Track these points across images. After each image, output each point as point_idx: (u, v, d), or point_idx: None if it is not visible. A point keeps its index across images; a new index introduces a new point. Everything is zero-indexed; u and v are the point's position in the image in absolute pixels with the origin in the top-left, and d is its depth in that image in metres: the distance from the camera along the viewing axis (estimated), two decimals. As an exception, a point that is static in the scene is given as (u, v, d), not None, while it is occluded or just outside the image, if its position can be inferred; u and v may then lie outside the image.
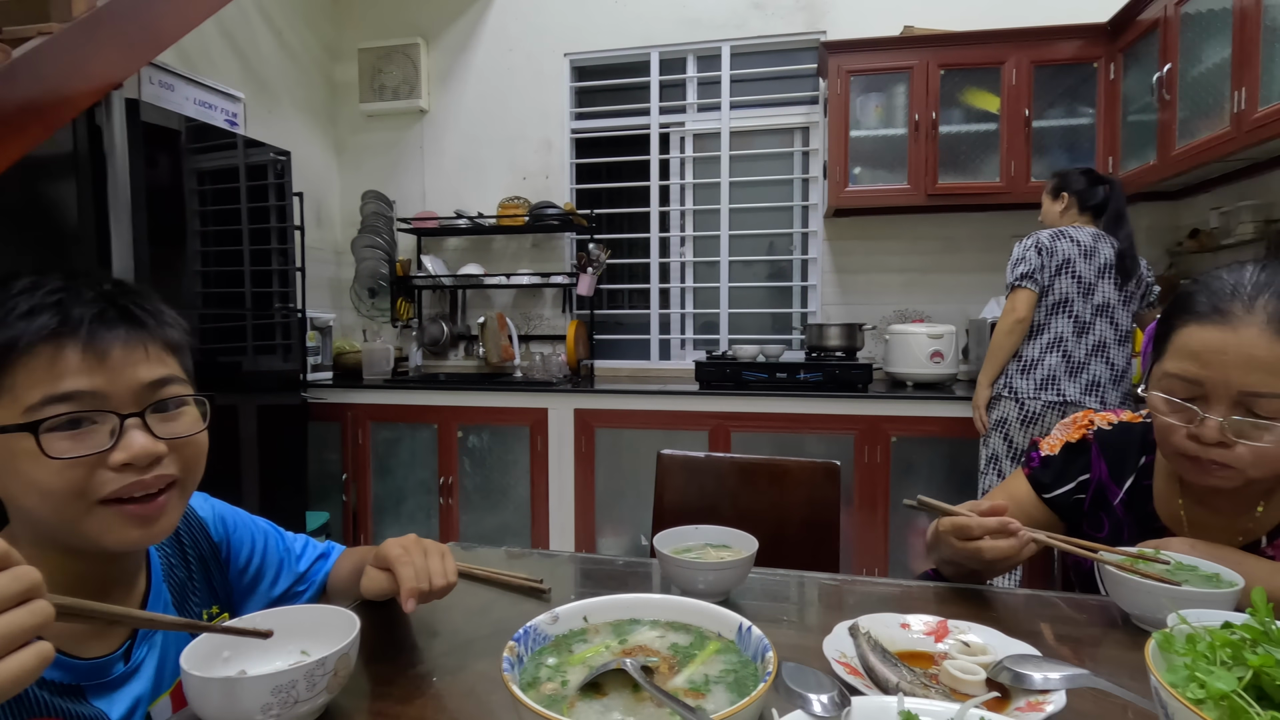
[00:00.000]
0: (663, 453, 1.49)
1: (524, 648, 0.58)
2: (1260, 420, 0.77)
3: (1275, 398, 0.76)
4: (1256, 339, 0.76)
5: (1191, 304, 0.83)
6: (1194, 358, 0.80)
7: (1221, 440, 0.79)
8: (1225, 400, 0.78)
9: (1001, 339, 2.34)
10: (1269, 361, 0.76)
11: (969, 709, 0.50)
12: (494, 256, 3.65)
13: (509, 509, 3.06)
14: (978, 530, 0.84)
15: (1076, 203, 2.39)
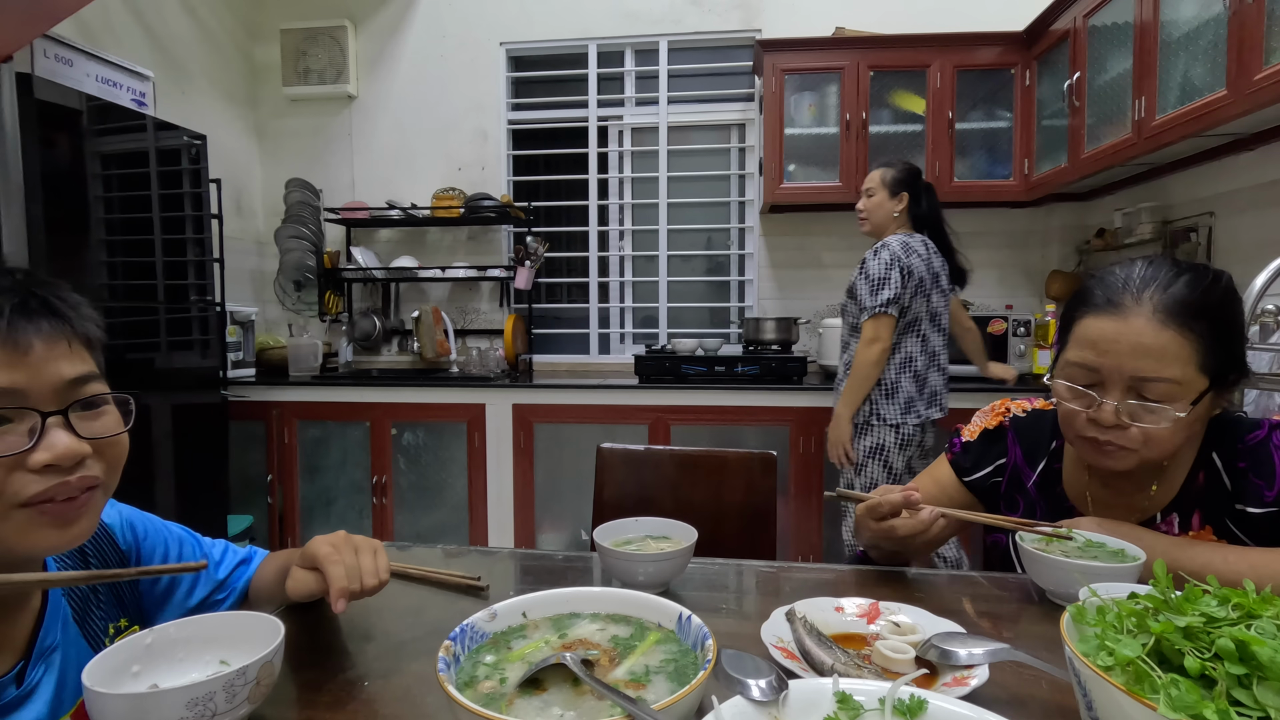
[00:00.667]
0: (602, 447, 1.49)
1: (460, 646, 0.57)
2: (1149, 403, 0.83)
3: (1162, 382, 0.82)
4: (1144, 328, 0.82)
5: (1090, 297, 0.89)
6: (1092, 346, 0.86)
7: (1117, 423, 0.84)
8: (1119, 385, 0.84)
9: (870, 370, 2.19)
10: (1155, 348, 0.82)
11: (899, 687, 0.51)
12: (428, 249, 3.56)
13: (446, 507, 3.00)
14: (887, 508, 0.89)
15: (909, 207, 2.27)
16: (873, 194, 2.29)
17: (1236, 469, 0.89)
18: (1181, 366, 0.82)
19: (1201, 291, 0.83)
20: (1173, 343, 0.82)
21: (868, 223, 2.32)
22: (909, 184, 2.27)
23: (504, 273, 3.33)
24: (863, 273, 2.22)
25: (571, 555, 1.01)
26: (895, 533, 0.89)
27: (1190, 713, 0.39)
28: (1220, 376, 0.84)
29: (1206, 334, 0.82)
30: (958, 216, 3.26)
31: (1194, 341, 0.82)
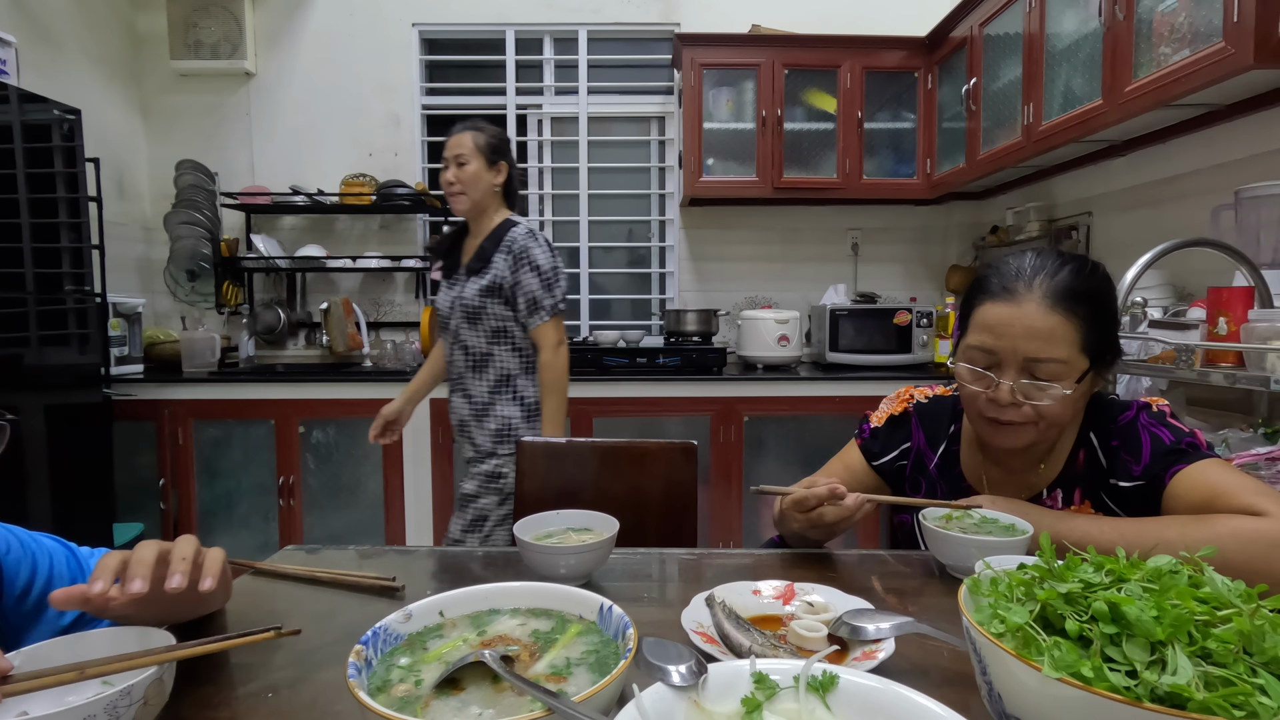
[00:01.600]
0: (523, 440, 1.47)
1: (373, 650, 0.54)
2: (1040, 382, 0.90)
3: (1051, 362, 0.89)
4: (1035, 312, 0.90)
5: (987, 285, 0.96)
6: (989, 330, 0.93)
7: (1013, 401, 0.92)
8: (1014, 366, 0.91)
9: (565, 379, 1.88)
10: (1045, 331, 0.89)
11: (812, 664, 0.53)
12: (337, 238, 3.39)
13: (361, 507, 2.88)
14: (814, 500, 0.92)
15: (506, 182, 1.91)
16: (465, 162, 1.82)
17: (1110, 447, 0.97)
18: (1067, 348, 0.89)
19: (1083, 279, 0.92)
20: (1060, 325, 0.89)
21: (465, 198, 1.84)
22: (505, 152, 1.90)
23: (420, 263, 3.22)
24: (528, 265, 1.82)
25: (492, 551, 0.99)
26: (824, 519, 0.93)
27: (1070, 671, 0.42)
28: (1099, 357, 0.93)
29: (1088, 317, 0.90)
30: (868, 213, 3.43)
31: (1077, 324, 0.90)
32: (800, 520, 0.94)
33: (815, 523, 0.93)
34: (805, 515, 0.93)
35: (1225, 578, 0.48)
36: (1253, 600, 0.46)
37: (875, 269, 3.49)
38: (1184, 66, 1.67)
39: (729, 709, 0.51)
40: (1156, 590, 0.47)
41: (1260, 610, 0.45)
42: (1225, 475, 0.86)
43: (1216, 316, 1.51)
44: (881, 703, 0.50)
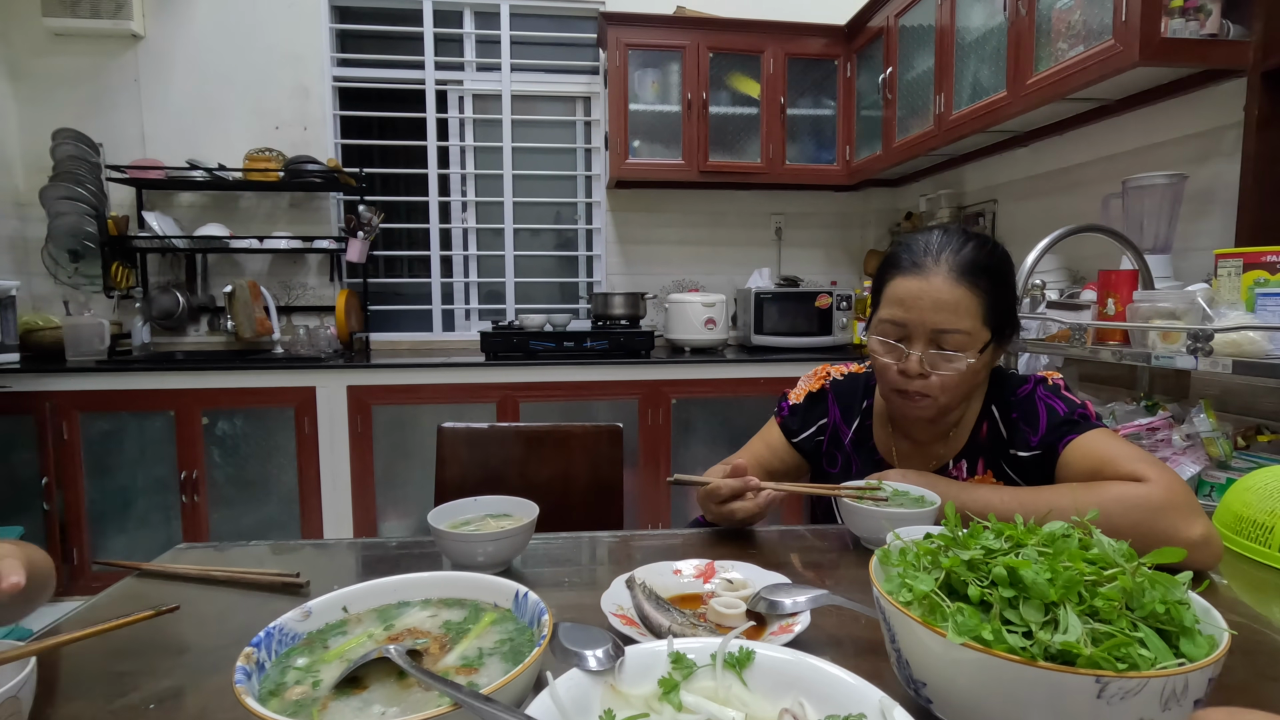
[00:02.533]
0: (443, 426, 1.42)
1: (265, 652, 0.51)
2: (946, 353, 0.95)
3: (956, 333, 0.94)
4: (941, 285, 0.94)
5: (897, 261, 1.01)
6: (899, 304, 0.97)
7: (921, 372, 0.96)
8: (923, 338, 0.96)
9: None
10: (950, 303, 0.94)
11: (729, 641, 0.53)
12: (241, 216, 3.18)
13: (274, 501, 2.73)
14: (726, 492, 0.94)
15: None
16: None
17: (1010, 419, 1.02)
18: (971, 319, 0.94)
19: (985, 254, 0.97)
20: (964, 298, 0.94)
21: None
22: None
23: (333, 244, 3.06)
24: None
25: (408, 541, 0.95)
26: (735, 516, 0.94)
27: (972, 635, 0.44)
28: (999, 330, 0.98)
29: (989, 291, 0.95)
30: (790, 198, 3.49)
31: (980, 297, 0.95)
32: (713, 512, 0.96)
33: (727, 517, 0.95)
34: (717, 508, 0.95)
35: (1111, 539, 0.51)
36: (1134, 559, 0.48)
37: (798, 253, 3.57)
38: (1079, 62, 1.76)
39: (646, 690, 0.51)
40: (1051, 554, 0.49)
41: (1141, 569, 0.47)
42: (1112, 444, 0.92)
43: (1105, 298, 1.62)
44: (796, 675, 0.51)
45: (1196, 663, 0.41)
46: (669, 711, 0.48)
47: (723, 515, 0.96)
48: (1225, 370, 1.21)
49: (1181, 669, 0.40)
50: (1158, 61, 1.63)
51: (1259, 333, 1.23)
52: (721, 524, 0.99)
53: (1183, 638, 0.44)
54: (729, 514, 0.94)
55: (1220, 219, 1.79)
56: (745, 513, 0.94)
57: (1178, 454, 1.37)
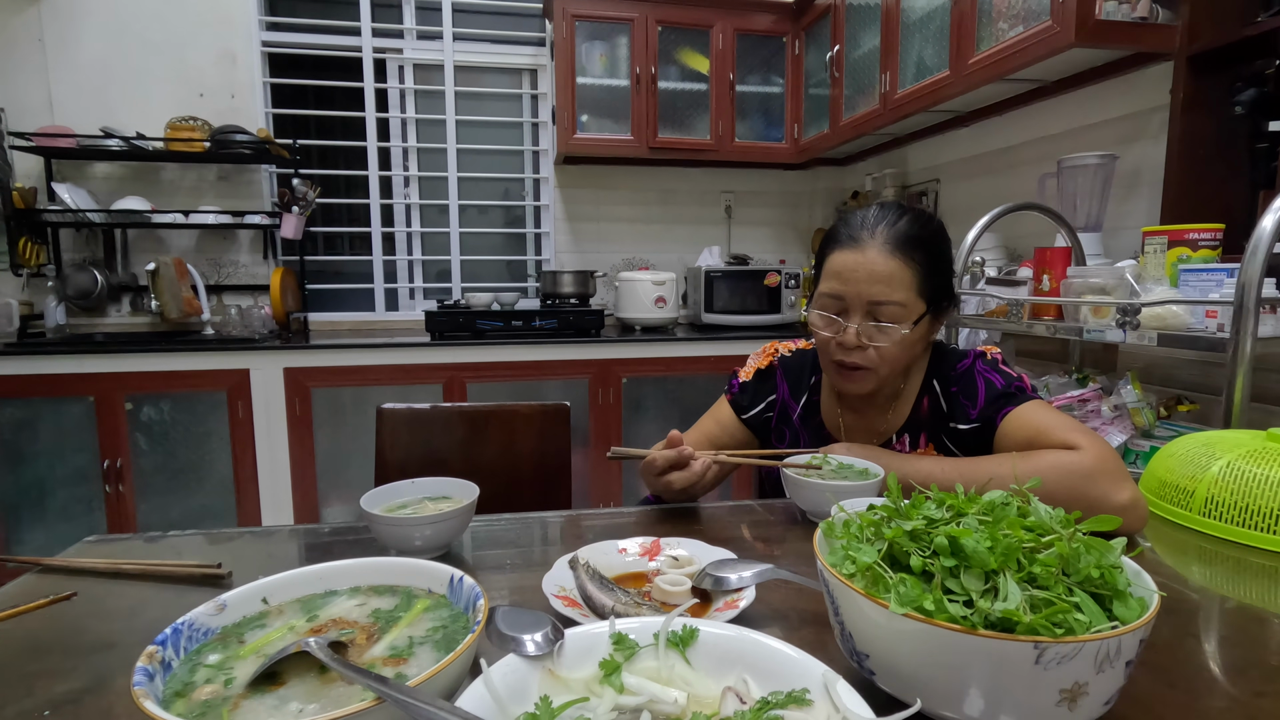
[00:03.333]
0: (383, 407, 1.37)
1: (173, 650, 0.47)
2: (882, 324, 0.97)
3: (891, 305, 0.96)
4: (877, 258, 0.96)
5: (836, 235, 1.02)
6: (837, 277, 0.99)
7: (858, 344, 0.97)
8: (859, 310, 0.97)
9: None
10: (885, 275, 0.96)
11: (672, 620, 0.52)
12: (164, 189, 2.99)
13: (207, 489, 2.61)
14: (661, 464, 0.92)
15: None
16: None
17: (950, 393, 1.04)
18: (905, 291, 0.96)
19: (920, 227, 0.99)
20: (899, 270, 0.96)
21: None
22: None
23: (267, 220, 2.91)
24: None
25: (343, 527, 0.91)
26: (673, 486, 0.94)
27: (914, 605, 0.43)
28: (935, 302, 1.00)
29: (924, 263, 0.97)
30: (740, 176, 3.49)
31: (914, 269, 0.96)
32: (653, 485, 0.95)
33: (666, 488, 0.93)
34: (655, 479, 0.94)
35: (1048, 506, 0.51)
36: (1071, 526, 0.49)
37: (747, 232, 3.57)
38: (1018, 42, 1.79)
39: (587, 674, 0.49)
40: (991, 522, 0.49)
41: (1076, 534, 0.48)
42: (1046, 415, 0.94)
43: (1041, 274, 1.67)
44: (740, 651, 0.50)
45: (1129, 625, 0.41)
46: (610, 694, 0.46)
47: (663, 487, 0.95)
48: (1151, 343, 1.26)
49: (1115, 632, 0.41)
50: (1092, 43, 1.66)
51: (1181, 306, 1.28)
52: (667, 498, 0.98)
53: (1116, 601, 0.44)
54: (667, 484, 0.94)
55: (1147, 198, 1.86)
56: (684, 482, 0.93)
57: (1106, 424, 1.43)
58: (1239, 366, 1.11)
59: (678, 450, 0.90)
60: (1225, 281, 1.23)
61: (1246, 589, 0.75)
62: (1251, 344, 1.10)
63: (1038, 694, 0.41)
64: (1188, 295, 1.29)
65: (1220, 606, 0.71)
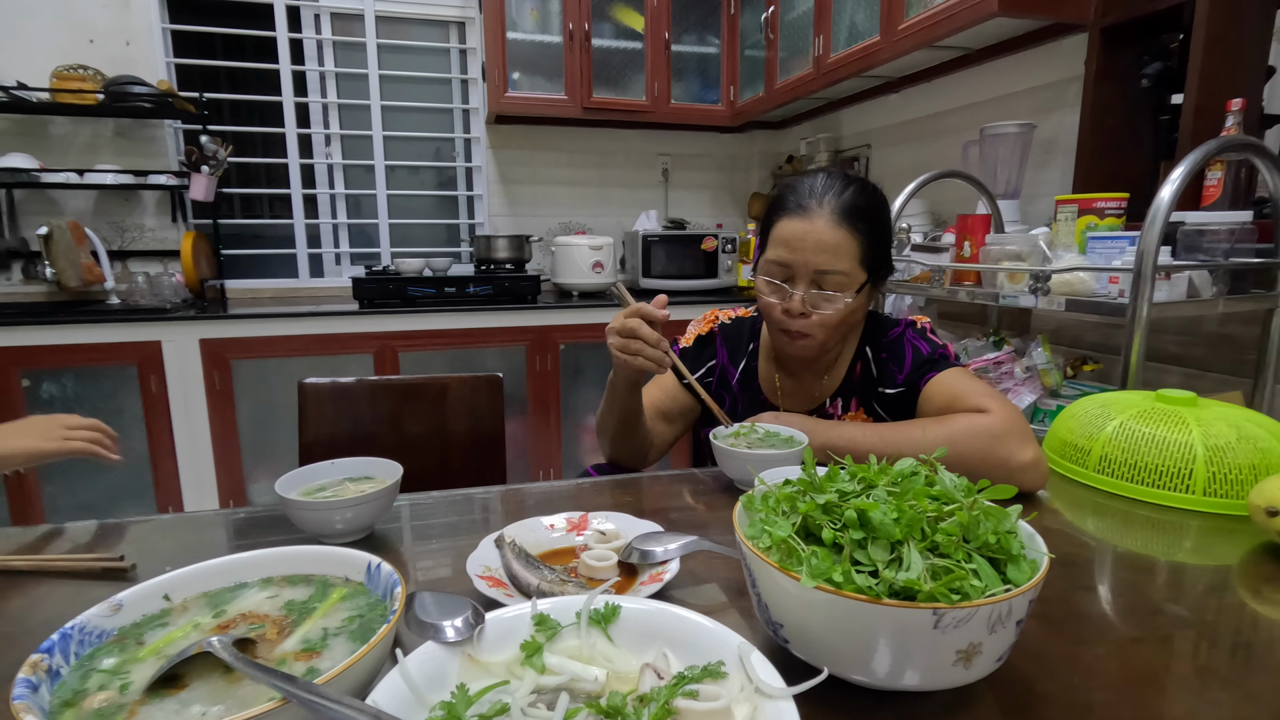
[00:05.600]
0: (304, 382, 1.31)
1: (61, 658, 0.44)
2: (826, 293, 0.99)
3: (836, 274, 0.98)
4: (824, 227, 0.97)
5: (784, 203, 1.03)
6: (785, 245, 1.00)
7: (804, 311, 0.99)
8: (805, 278, 0.99)
9: None
10: (832, 245, 0.97)
11: (594, 597, 0.52)
12: (54, 146, 2.75)
13: (119, 470, 2.47)
14: (630, 312, 0.95)
15: None
16: None
17: (880, 359, 1.09)
18: (850, 261, 0.98)
19: (865, 197, 1.01)
20: (845, 241, 0.98)
21: None
22: None
23: (173, 180, 2.71)
24: None
25: (258, 512, 0.87)
26: (631, 333, 0.95)
27: (824, 577, 0.45)
28: (875, 271, 1.02)
29: (868, 234, 0.99)
30: (677, 138, 3.45)
31: (859, 240, 0.98)
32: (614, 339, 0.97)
33: (626, 333, 0.95)
34: (617, 330, 0.96)
35: (953, 475, 0.54)
36: (972, 493, 0.51)
37: (684, 195, 3.56)
38: (945, 9, 1.82)
39: (508, 657, 0.49)
40: (899, 493, 0.51)
41: (978, 501, 0.50)
42: (963, 381, 0.99)
43: (962, 241, 1.72)
44: (660, 626, 0.51)
45: (1018, 588, 0.44)
46: (530, 676, 0.47)
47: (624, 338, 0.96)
48: (1059, 308, 1.33)
49: (1006, 595, 0.43)
50: (1014, 12, 1.70)
51: (1087, 273, 1.35)
52: (624, 369, 0.99)
53: (1009, 564, 0.47)
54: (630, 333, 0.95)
55: (1061, 167, 1.94)
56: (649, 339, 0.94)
57: (1019, 384, 1.51)
58: (1136, 329, 1.18)
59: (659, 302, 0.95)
60: (1127, 249, 1.30)
61: (1133, 540, 0.81)
62: (1148, 308, 1.17)
63: (937, 655, 0.44)
64: (1093, 262, 1.36)
65: (1111, 558, 0.77)
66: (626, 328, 0.95)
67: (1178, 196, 1.15)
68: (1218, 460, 0.82)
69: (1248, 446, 0.81)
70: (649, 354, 0.95)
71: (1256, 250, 1.35)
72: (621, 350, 0.96)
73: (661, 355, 0.95)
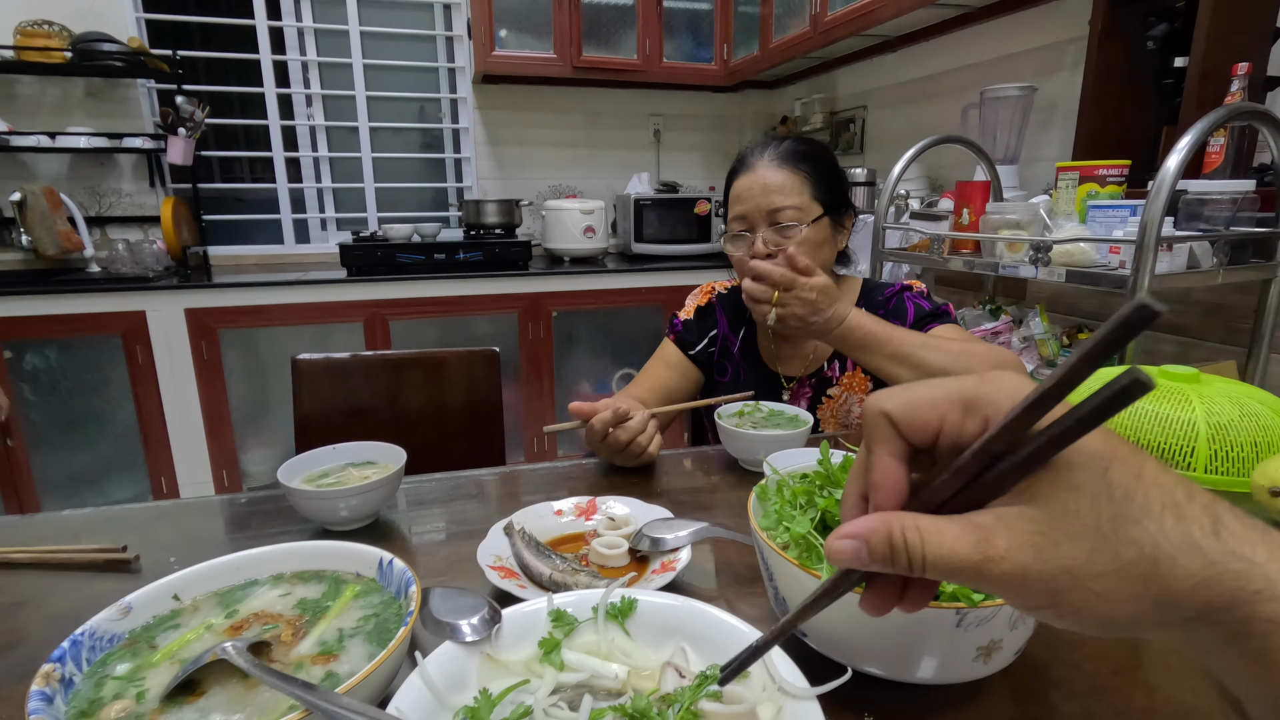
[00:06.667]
0: (298, 358, 1.29)
1: (74, 666, 0.43)
2: (783, 226, 1.06)
3: (787, 209, 1.05)
4: (766, 171, 1.07)
5: (735, 166, 1.13)
6: (738, 200, 1.09)
7: (768, 253, 1.05)
8: (762, 221, 1.07)
9: None
10: (776, 184, 1.06)
11: (612, 591, 0.52)
12: (22, 107, 2.64)
13: (110, 441, 2.45)
14: (600, 429, 0.87)
15: None
16: None
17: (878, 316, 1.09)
18: (798, 195, 1.06)
19: (803, 144, 1.10)
20: (789, 179, 1.06)
21: None
22: None
23: (149, 143, 2.62)
24: None
25: (261, 496, 0.86)
26: (620, 441, 0.88)
27: (845, 577, 0.44)
28: (831, 207, 1.09)
29: (812, 173, 1.07)
30: (669, 98, 3.37)
31: (803, 176, 1.07)
32: (602, 450, 0.91)
33: (615, 448, 0.89)
34: (602, 443, 0.89)
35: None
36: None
37: (677, 157, 3.49)
38: (949, -35, 1.76)
39: (526, 654, 0.49)
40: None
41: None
42: (962, 335, 1.06)
43: (961, 208, 1.70)
44: (679, 620, 0.50)
45: (1040, 585, 0.44)
46: (550, 674, 0.47)
47: (611, 448, 0.90)
48: (1059, 279, 1.32)
49: (1028, 593, 0.43)
50: (1019, -31, 1.65)
51: (1088, 243, 1.34)
52: (620, 462, 0.92)
53: (1028, 558, 0.47)
54: (614, 444, 0.89)
55: (1060, 131, 1.91)
56: (628, 435, 0.88)
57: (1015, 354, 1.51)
58: (1136, 302, 1.18)
59: (612, 409, 0.88)
60: (1129, 219, 1.29)
61: (1133, 516, 0.82)
62: (1149, 280, 1.17)
63: (958, 651, 0.44)
64: (1095, 232, 1.35)
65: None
66: (618, 440, 0.88)
67: (1183, 167, 1.13)
68: (1220, 438, 0.82)
69: (1250, 424, 0.82)
70: (644, 440, 0.90)
71: (1257, 219, 1.35)
72: (614, 456, 0.91)
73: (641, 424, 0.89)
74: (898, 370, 0.94)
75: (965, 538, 0.28)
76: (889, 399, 0.31)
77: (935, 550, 0.28)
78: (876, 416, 0.31)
